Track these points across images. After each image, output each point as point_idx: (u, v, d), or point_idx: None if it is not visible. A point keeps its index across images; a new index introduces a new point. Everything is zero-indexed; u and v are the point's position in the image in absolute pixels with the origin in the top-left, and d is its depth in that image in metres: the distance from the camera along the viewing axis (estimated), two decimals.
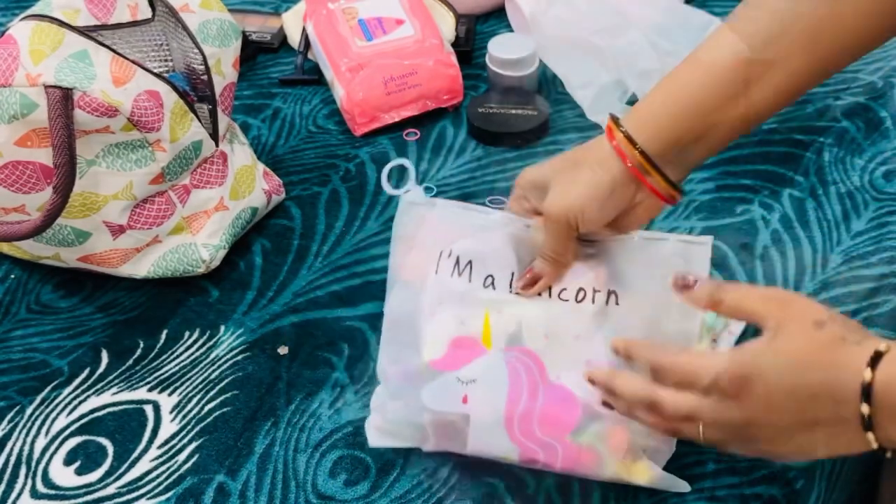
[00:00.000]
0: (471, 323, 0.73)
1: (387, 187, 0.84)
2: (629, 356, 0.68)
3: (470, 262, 0.75)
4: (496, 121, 1.05)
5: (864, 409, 0.57)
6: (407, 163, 0.83)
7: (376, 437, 0.76)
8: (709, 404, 0.61)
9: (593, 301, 0.74)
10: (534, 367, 0.72)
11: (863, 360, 0.57)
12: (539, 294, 0.75)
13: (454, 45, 1.14)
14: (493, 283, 0.75)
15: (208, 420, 0.79)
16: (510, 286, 0.75)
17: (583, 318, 0.73)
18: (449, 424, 0.71)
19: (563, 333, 0.73)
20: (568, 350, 0.72)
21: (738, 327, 0.83)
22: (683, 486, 0.71)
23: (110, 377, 0.83)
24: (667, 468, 0.71)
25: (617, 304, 0.74)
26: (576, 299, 0.74)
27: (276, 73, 1.18)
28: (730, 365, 0.60)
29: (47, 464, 0.77)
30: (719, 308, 0.64)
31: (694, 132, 0.72)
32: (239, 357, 0.84)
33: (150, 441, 0.78)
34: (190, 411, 0.80)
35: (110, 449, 0.78)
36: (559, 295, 0.74)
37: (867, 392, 0.56)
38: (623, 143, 0.72)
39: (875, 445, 0.58)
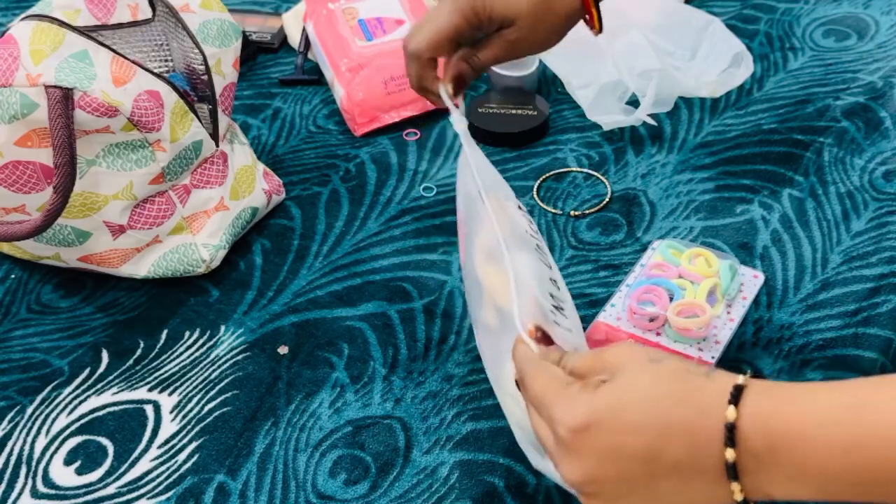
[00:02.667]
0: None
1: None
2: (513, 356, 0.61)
3: None
4: (496, 121, 1.06)
5: (729, 454, 0.49)
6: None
7: None
8: (556, 450, 0.55)
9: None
10: None
11: (721, 396, 0.50)
12: None
13: None
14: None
15: (208, 420, 0.79)
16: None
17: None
18: None
19: None
20: None
21: (751, 292, 0.84)
22: None
23: (110, 377, 0.83)
24: None
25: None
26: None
27: (276, 74, 1.18)
28: (570, 417, 0.53)
29: (48, 463, 0.77)
30: (567, 370, 0.57)
31: None
32: (239, 357, 0.84)
33: (151, 441, 0.78)
34: (190, 411, 0.80)
35: (110, 449, 0.78)
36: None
37: (731, 434, 0.49)
38: None
39: (739, 498, 0.50)
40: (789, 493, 0.50)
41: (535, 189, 0.99)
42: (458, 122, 0.75)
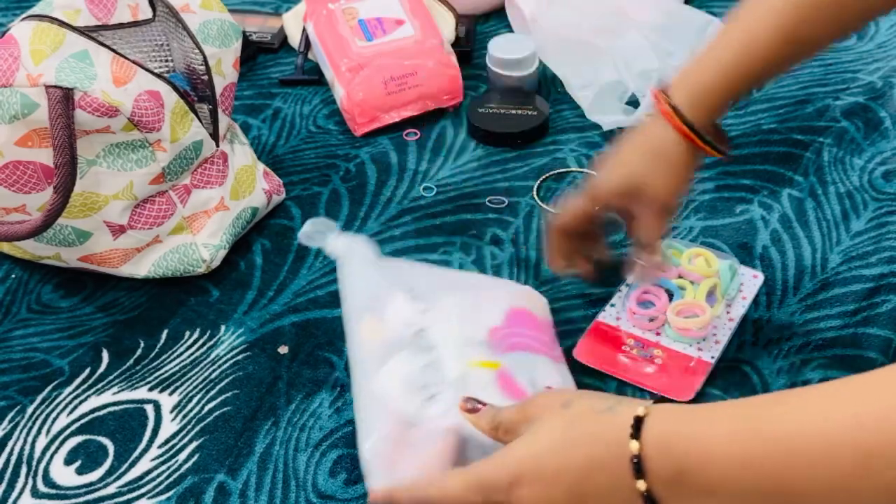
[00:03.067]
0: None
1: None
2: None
3: None
4: (496, 121, 1.06)
5: (641, 485, 0.51)
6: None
7: None
8: None
9: None
10: None
11: (625, 430, 0.52)
12: None
13: (454, 45, 1.14)
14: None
15: (209, 420, 0.79)
16: None
17: None
18: None
19: None
20: None
21: (751, 292, 0.84)
22: None
23: (111, 377, 0.83)
24: None
25: None
26: None
27: (276, 74, 1.18)
28: (499, 475, 0.56)
29: (48, 463, 0.77)
30: (498, 434, 0.60)
31: (746, 88, 0.76)
32: (239, 357, 0.84)
33: (151, 440, 0.78)
34: (190, 411, 0.80)
35: (111, 448, 0.78)
36: None
37: (638, 466, 0.51)
38: (682, 126, 0.74)
39: None
40: None
41: (535, 189, 0.99)
42: (340, 240, 0.78)
